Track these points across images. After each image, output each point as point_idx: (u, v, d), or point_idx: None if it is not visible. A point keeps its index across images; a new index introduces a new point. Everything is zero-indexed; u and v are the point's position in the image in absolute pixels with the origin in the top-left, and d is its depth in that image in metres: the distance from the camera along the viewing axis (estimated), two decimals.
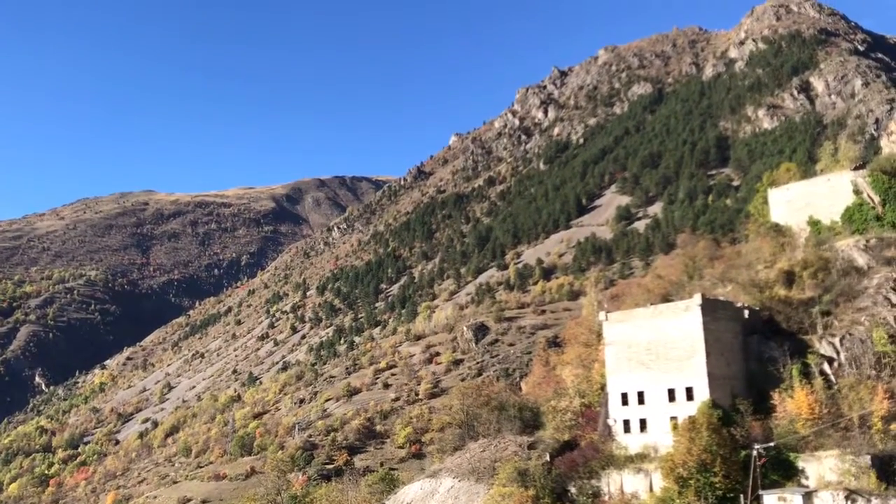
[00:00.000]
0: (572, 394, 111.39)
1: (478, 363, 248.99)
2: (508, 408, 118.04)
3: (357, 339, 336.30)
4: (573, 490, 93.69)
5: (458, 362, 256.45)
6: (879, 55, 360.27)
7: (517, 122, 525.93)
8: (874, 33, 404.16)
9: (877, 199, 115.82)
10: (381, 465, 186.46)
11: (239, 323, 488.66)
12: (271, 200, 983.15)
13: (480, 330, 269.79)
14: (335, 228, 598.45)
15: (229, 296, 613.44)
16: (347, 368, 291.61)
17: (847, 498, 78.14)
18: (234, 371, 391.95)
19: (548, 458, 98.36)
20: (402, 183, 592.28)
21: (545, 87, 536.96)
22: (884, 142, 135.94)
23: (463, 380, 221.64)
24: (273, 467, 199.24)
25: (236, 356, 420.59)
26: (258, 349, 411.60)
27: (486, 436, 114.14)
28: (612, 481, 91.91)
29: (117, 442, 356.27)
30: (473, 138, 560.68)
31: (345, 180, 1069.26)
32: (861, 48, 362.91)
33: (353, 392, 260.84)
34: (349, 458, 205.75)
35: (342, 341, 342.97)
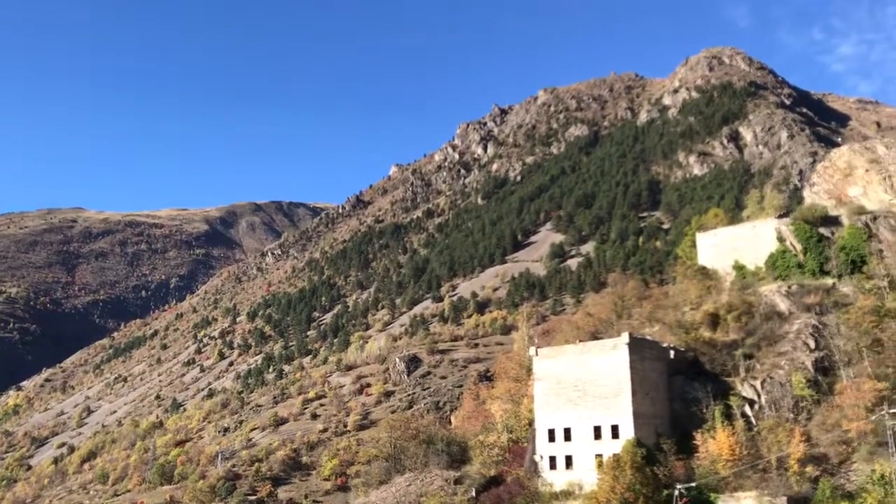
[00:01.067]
0: (500, 429, 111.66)
1: (409, 395, 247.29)
2: (436, 441, 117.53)
3: (286, 368, 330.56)
4: None
5: (389, 394, 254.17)
6: (804, 110, 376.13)
7: (457, 156, 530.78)
8: (799, 88, 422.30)
9: (799, 246, 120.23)
10: (306, 497, 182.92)
11: (165, 347, 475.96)
12: (205, 223, 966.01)
13: (413, 362, 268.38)
14: (269, 254, 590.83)
15: (156, 319, 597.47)
16: (275, 397, 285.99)
17: None
18: (158, 396, 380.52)
19: (473, 493, 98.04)
20: (341, 211, 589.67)
21: (485, 123, 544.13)
22: (807, 192, 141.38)
23: (393, 412, 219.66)
24: (192, 497, 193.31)
25: (160, 381, 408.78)
26: (183, 375, 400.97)
27: (413, 470, 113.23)
28: None
29: (29, 467, 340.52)
30: (413, 170, 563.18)
31: (281, 205, 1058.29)
32: (787, 102, 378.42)
33: (279, 422, 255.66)
34: (273, 489, 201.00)
35: (271, 369, 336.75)
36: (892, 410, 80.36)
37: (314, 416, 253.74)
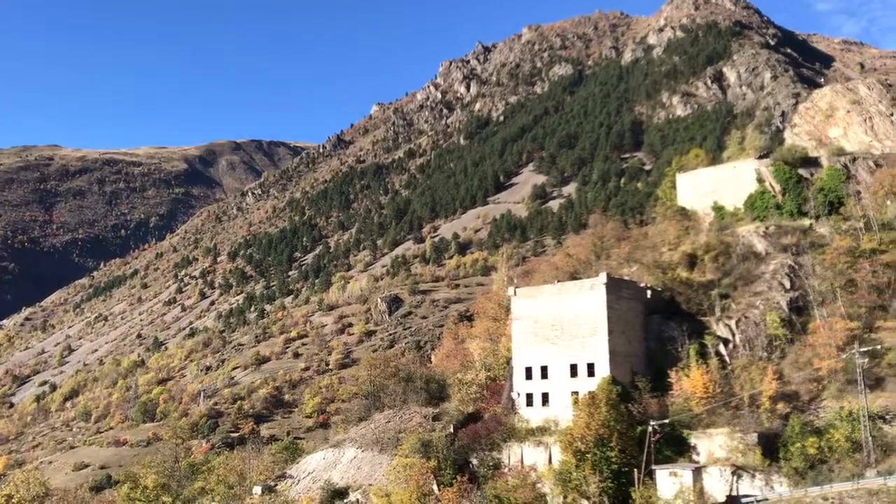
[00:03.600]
0: (479, 367, 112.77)
1: (390, 335, 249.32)
2: (415, 379, 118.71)
3: (268, 308, 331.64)
4: (474, 461, 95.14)
5: (370, 334, 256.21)
6: (788, 50, 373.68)
7: (439, 95, 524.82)
8: (785, 29, 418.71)
9: (778, 188, 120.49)
10: (288, 434, 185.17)
11: (145, 286, 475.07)
12: (184, 161, 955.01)
13: (394, 302, 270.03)
14: (250, 193, 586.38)
15: (136, 258, 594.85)
16: (257, 337, 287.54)
17: (734, 473, 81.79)
18: (139, 336, 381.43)
19: (451, 429, 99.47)
20: (321, 150, 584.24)
21: (469, 61, 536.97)
22: (787, 134, 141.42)
23: (374, 351, 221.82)
24: (174, 434, 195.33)
25: (141, 320, 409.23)
26: (164, 314, 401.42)
27: (392, 407, 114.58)
28: (513, 453, 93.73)
29: (11, 405, 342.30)
30: (395, 109, 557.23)
31: (262, 144, 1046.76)
32: (772, 42, 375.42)
33: (261, 360, 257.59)
34: (255, 426, 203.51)
35: (252, 309, 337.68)
36: (862, 349, 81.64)
37: (296, 355, 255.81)
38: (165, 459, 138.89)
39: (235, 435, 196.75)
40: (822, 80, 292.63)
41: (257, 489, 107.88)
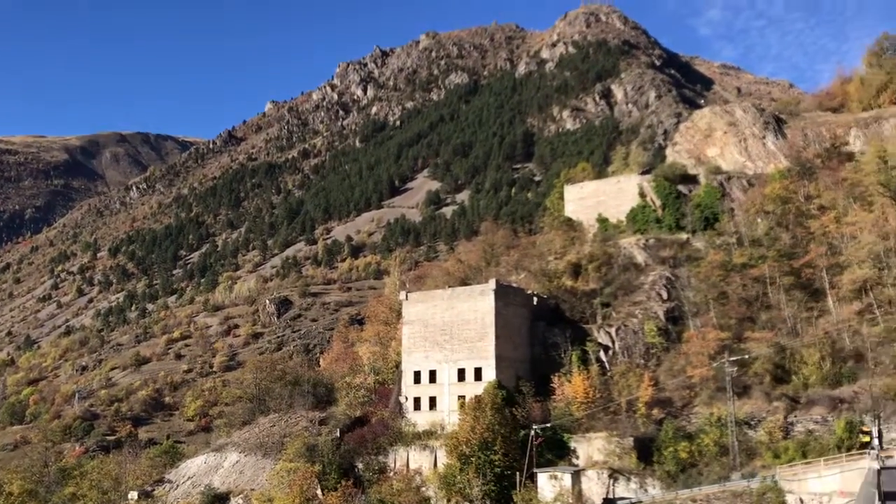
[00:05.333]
0: (368, 371, 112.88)
1: (278, 337, 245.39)
2: (303, 383, 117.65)
3: (150, 307, 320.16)
4: (360, 465, 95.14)
5: (257, 336, 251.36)
6: (672, 71, 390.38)
7: (336, 96, 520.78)
8: (670, 51, 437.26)
9: (658, 202, 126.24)
10: (168, 438, 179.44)
11: (18, 281, 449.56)
12: (64, 152, 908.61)
13: (283, 304, 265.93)
14: (134, 188, 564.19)
15: (9, 251, 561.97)
16: (137, 336, 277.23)
17: (611, 476, 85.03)
18: (9, 333, 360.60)
19: (338, 434, 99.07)
20: (211, 146, 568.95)
21: (366, 64, 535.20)
22: (669, 151, 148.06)
23: (261, 353, 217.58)
24: (44, 437, 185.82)
25: (12, 317, 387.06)
26: (38, 311, 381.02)
27: (278, 411, 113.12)
28: (399, 457, 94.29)
29: None
30: (290, 108, 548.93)
31: (148, 137, 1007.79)
32: (657, 63, 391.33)
33: (142, 361, 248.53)
34: (133, 429, 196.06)
35: (133, 308, 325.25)
36: (731, 358, 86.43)
37: (178, 357, 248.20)
38: (33, 464, 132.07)
39: (112, 438, 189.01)
40: (703, 101, 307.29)
41: (133, 494, 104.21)
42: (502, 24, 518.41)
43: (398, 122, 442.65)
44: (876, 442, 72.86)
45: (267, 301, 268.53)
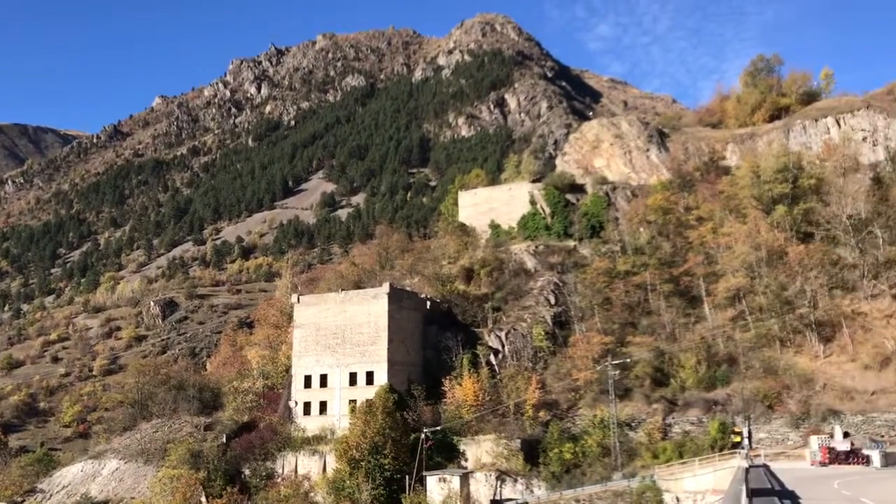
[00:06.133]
0: (256, 375, 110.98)
1: (163, 340, 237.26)
2: (188, 388, 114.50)
3: (25, 308, 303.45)
4: (247, 472, 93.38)
5: (140, 338, 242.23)
6: (563, 83, 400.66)
7: (228, 93, 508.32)
8: (561, 63, 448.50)
9: (548, 210, 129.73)
10: (42, 444, 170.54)
11: None
12: None
13: (169, 306, 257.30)
14: (10, 182, 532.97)
15: None
16: (10, 338, 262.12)
17: (498, 478, 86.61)
18: None
19: (224, 439, 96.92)
20: (95, 140, 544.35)
21: (261, 62, 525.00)
22: (559, 161, 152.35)
23: (145, 357, 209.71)
24: None
25: None
26: None
27: (161, 416, 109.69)
28: (287, 463, 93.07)
29: None
30: (180, 104, 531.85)
31: (26, 129, 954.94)
32: (549, 75, 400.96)
33: (14, 364, 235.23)
34: (3, 436, 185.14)
35: (7, 308, 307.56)
36: (614, 362, 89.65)
37: (55, 360, 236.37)
38: None
39: None
40: (591, 113, 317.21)
41: None
42: (399, 28, 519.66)
43: (293, 122, 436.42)
44: (746, 442, 77.20)
45: (151, 303, 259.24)
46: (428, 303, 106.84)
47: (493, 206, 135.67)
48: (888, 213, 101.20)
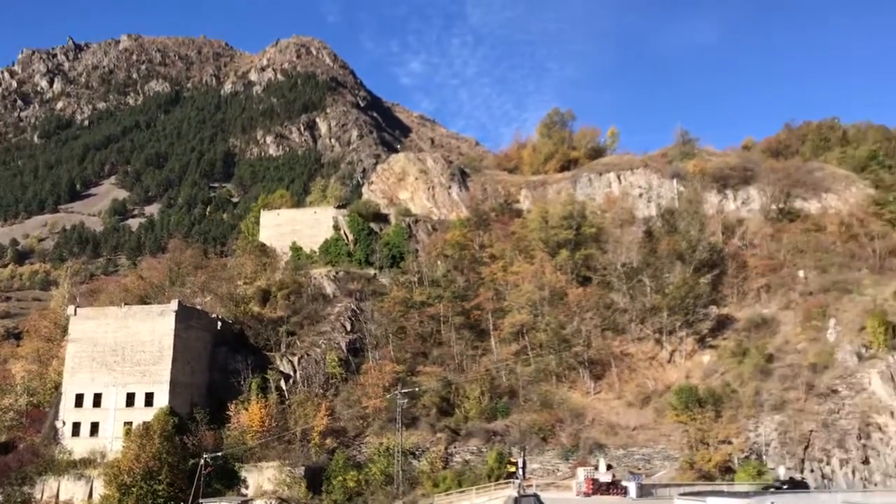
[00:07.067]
0: (20, 391, 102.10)
1: None
2: None
3: None
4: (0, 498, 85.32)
5: None
6: (375, 114, 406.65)
7: (15, 84, 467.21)
8: (374, 94, 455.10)
9: (351, 237, 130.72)
10: None
11: None
12: None
13: None
14: None
15: None
16: None
17: None
18: None
19: None
20: None
21: (56, 55, 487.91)
22: (365, 189, 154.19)
23: None
24: None
25: None
26: None
27: None
28: (48, 487, 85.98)
29: None
30: None
31: None
32: (362, 104, 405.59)
33: None
34: None
35: None
36: (403, 391, 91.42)
37: None
38: None
39: None
40: (400, 147, 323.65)
41: None
42: (211, 38, 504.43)
43: (87, 122, 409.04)
44: (520, 472, 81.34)
45: None
46: (219, 323, 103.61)
47: (296, 228, 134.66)
48: (656, 264, 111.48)
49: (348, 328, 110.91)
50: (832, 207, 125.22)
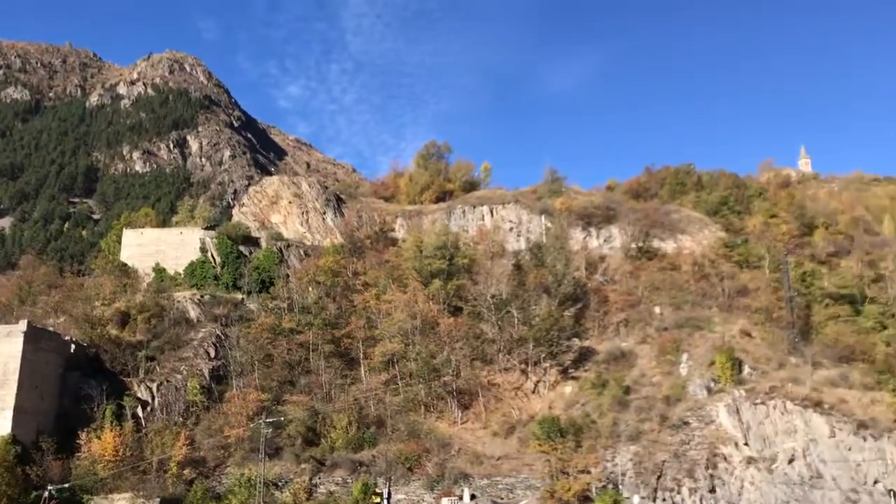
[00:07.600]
0: None
1: None
2: None
3: None
4: None
5: None
6: (249, 135, 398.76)
7: None
8: (249, 115, 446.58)
9: (219, 259, 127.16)
10: None
11: None
12: None
13: None
14: None
15: None
16: None
17: None
18: None
19: None
20: None
21: None
22: (236, 211, 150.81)
23: None
24: None
25: None
26: None
27: None
28: None
29: None
30: None
31: None
32: (236, 124, 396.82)
33: None
34: None
35: None
36: (268, 420, 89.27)
37: None
38: None
39: None
40: (274, 169, 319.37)
41: None
42: (78, 48, 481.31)
43: None
44: (385, 503, 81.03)
45: None
46: (72, 346, 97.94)
47: (160, 248, 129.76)
48: (524, 296, 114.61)
49: (212, 354, 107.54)
50: (686, 248, 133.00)
